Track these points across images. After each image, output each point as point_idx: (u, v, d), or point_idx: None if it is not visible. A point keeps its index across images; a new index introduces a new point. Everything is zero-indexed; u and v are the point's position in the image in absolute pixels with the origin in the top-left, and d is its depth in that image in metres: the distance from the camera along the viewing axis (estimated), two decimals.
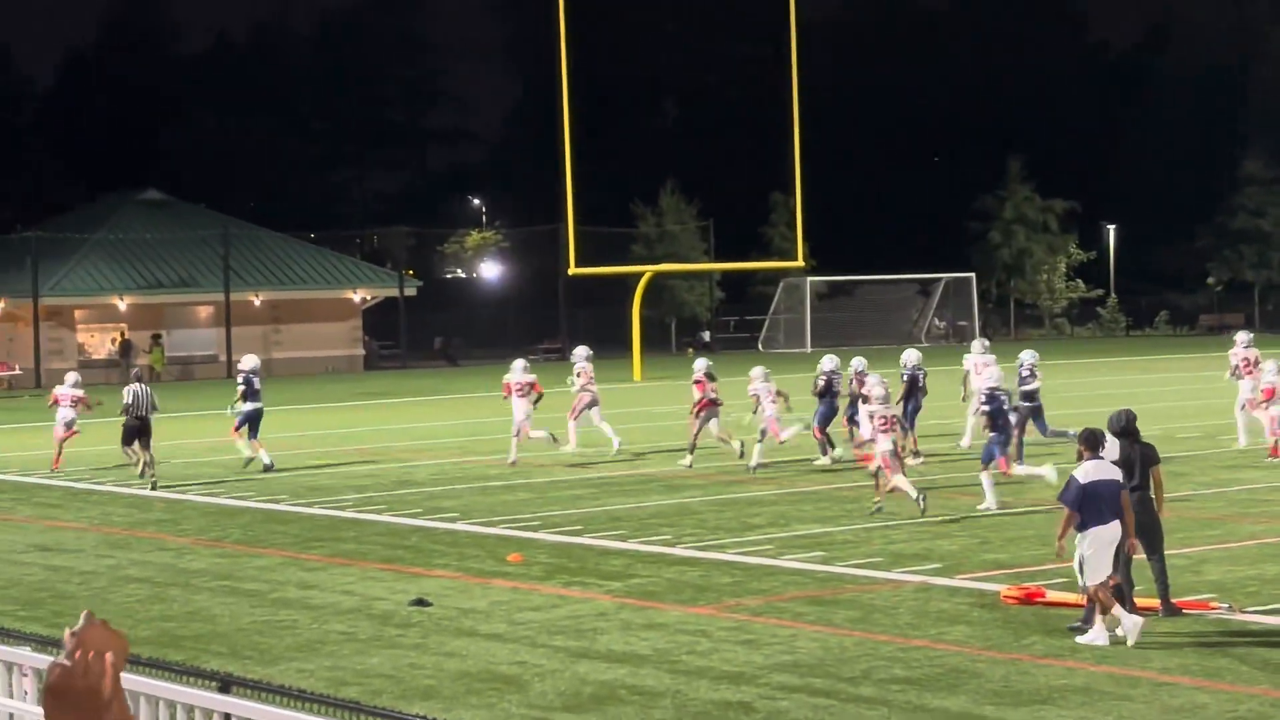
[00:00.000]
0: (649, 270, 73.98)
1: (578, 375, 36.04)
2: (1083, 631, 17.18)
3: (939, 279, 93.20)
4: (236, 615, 19.54)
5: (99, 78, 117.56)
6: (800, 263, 71.36)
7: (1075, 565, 17.26)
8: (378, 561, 23.06)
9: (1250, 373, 35.02)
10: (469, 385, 61.92)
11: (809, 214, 65.72)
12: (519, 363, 35.33)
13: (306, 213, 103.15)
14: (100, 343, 74.80)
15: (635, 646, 17.42)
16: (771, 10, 77.70)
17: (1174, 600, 18.33)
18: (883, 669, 16.26)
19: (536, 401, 34.39)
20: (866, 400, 26.88)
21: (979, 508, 26.53)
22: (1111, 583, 17.26)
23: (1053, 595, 18.95)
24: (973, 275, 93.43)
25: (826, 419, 33.50)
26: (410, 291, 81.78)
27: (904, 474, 26.20)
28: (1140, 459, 18.34)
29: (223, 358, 74.08)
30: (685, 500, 28.54)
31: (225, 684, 9.87)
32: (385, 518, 27.34)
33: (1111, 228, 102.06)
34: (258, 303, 75.92)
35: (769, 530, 25.10)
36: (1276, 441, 32.29)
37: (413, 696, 15.44)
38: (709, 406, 33.06)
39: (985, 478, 26.78)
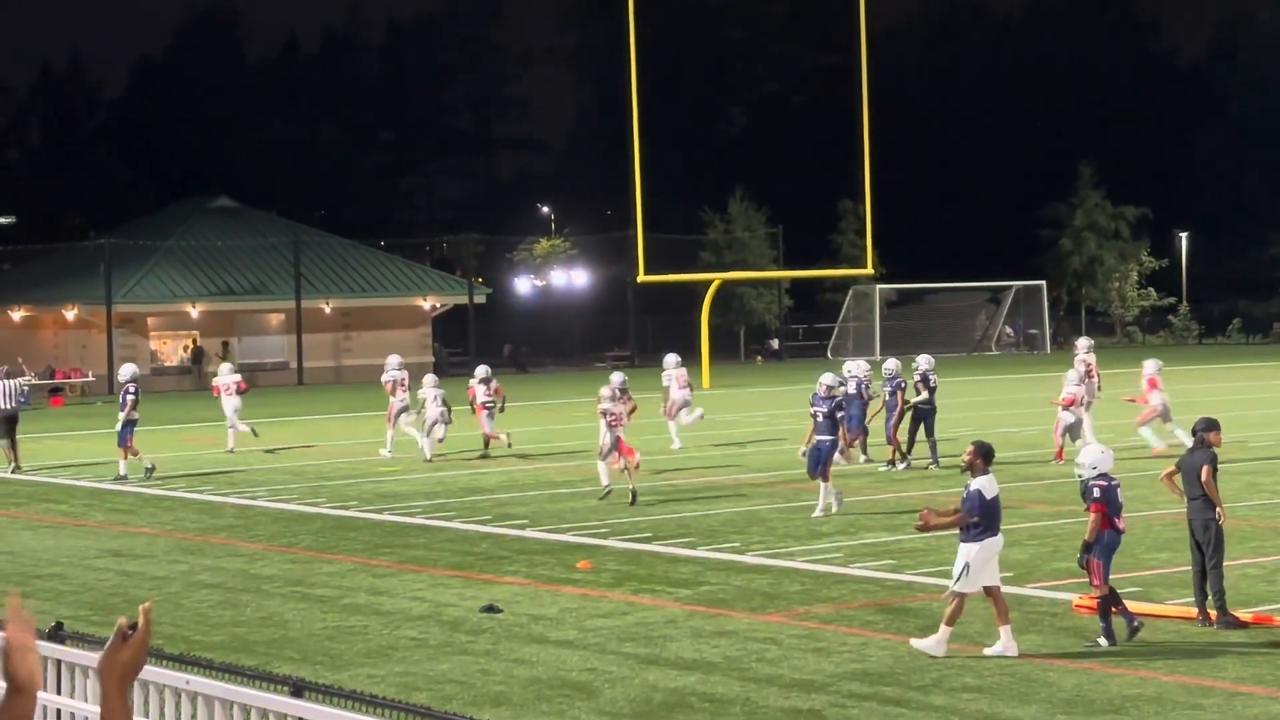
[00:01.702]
0: (718, 278, 73.90)
1: (399, 383, 38.55)
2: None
3: (1009, 287, 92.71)
4: (308, 621, 19.62)
5: (169, 85, 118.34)
6: (870, 270, 71.18)
7: (955, 569, 17.26)
8: (448, 568, 23.10)
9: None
10: (538, 393, 62.02)
11: (878, 221, 65.49)
12: (225, 365, 42.64)
13: (375, 220, 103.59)
14: (172, 349, 75.25)
15: (705, 654, 17.41)
16: (840, 18, 77.60)
17: (1233, 611, 18.20)
18: (953, 678, 16.20)
19: (242, 394, 40.15)
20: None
21: (815, 515, 27.10)
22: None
23: (1128, 605, 18.82)
24: (1043, 283, 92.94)
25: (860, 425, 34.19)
26: (480, 299, 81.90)
27: (606, 465, 29.03)
28: (1195, 463, 18.45)
29: (293, 364, 74.45)
30: (754, 508, 28.50)
31: (297, 689, 9.93)
32: (455, 524, 27.40)
33: (1183, 235, 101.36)
34: (328, 310, 76.24)
35: (838, 538, 25.04)
36: (1062, 447, 33.25)
37: (483, 703, 15.48)
38: (483, 410, 37.72)
39: (822, 484, 27.41)
